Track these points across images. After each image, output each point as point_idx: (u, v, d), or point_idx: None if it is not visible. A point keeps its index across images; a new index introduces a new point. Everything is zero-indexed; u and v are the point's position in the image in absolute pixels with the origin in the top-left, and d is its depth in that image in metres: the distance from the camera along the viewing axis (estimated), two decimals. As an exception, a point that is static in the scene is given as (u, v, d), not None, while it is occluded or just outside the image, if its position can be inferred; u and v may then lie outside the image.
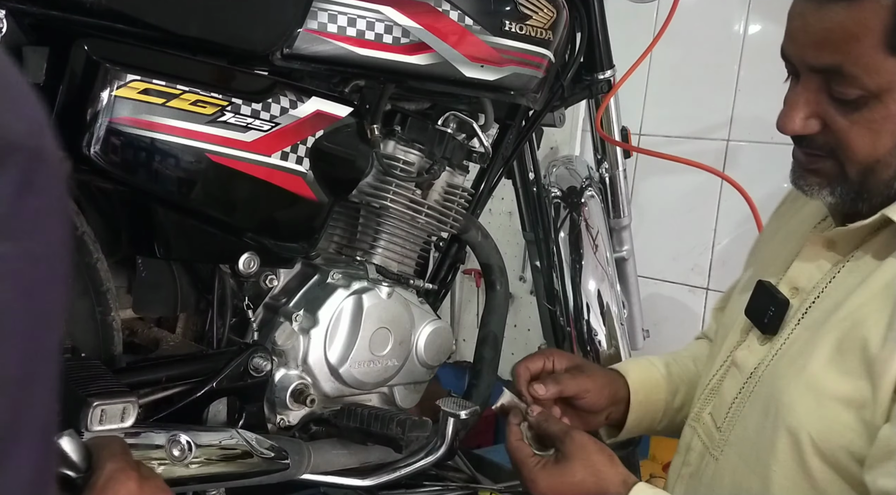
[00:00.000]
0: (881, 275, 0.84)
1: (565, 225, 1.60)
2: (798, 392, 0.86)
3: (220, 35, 1.02)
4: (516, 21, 1.23)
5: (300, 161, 1.09)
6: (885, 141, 0.82)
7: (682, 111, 2.25)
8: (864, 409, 0.80)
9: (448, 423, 1.16)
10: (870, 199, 0.86)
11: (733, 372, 0.98)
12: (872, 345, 0.81)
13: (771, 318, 0.93)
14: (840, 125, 0.84)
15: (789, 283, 0.95)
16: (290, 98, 1.07)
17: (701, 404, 1.03)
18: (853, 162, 0.85)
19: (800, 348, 0.89)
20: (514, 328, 2.53)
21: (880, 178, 0.85)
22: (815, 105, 0.85)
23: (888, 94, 0.80)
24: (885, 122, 0.82)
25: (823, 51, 0.82)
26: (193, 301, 1.16)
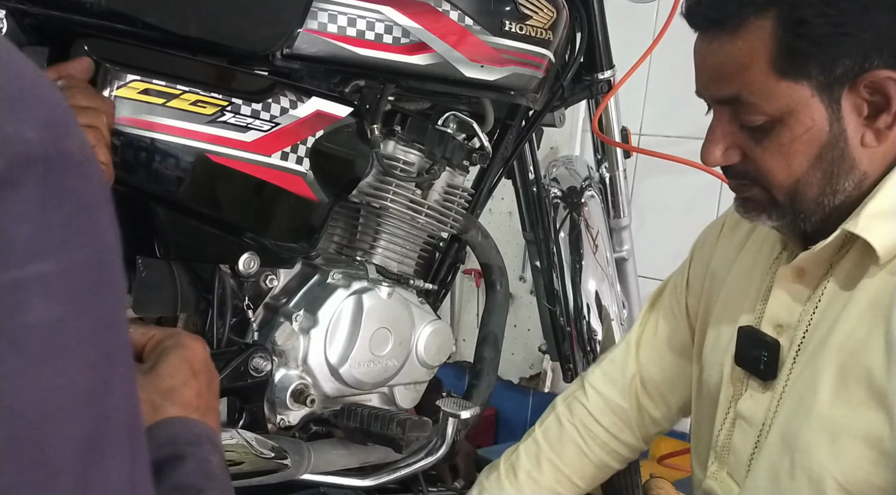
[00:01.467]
0: (862, 295, 0.82)
1: (565, 225, 1.60)
2: (812, 434, 0.83)
3: (219, 35, 1.02)
4: (516, 21, 1.23)
5: (300, 161, 1.09)
6: (799, 161, 0.83)
7: (682, 111, 2.24)
8: (883, 441, 0.77)
9: (448, 423, 1.16)
10: (809, 219, 0.86)
11: (741, 425, 0.94)
12: (877, 374, 0.78)
13: (766, 363, 0.90)
14: (755, 153, 0.85)
15: (771, 322, 0.92)
16: (290, 98, 1.07)
17: (716, 465, 0.98)
18: (775, 186, 0.85)
19: (803, 387, 0.86)
20: (514, 328, 2.53)
21: (807, 197, 0.84)
22: (730, 136, 0.87)
23: (790, 116, 0.81)
24: (793, 144, 0.82)
25: (721, 83, 0.85)
26: (193, 301, 1.16)
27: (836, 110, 0.81)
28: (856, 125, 0.82)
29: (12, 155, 0.33)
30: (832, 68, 0.80)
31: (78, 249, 0.36)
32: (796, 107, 0.81)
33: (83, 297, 0.36)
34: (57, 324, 0.34)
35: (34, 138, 0.34)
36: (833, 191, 0.84)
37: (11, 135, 0.33)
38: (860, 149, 0.82)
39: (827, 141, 0.82)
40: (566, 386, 1.63)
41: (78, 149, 0.37)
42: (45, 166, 0.34)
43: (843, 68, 0.79)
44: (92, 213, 0.37)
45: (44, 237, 0.34)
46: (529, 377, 2.62)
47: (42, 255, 0.34)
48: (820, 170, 0.83)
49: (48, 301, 0.34)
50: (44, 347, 0.34)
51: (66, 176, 0.35)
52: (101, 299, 0.37)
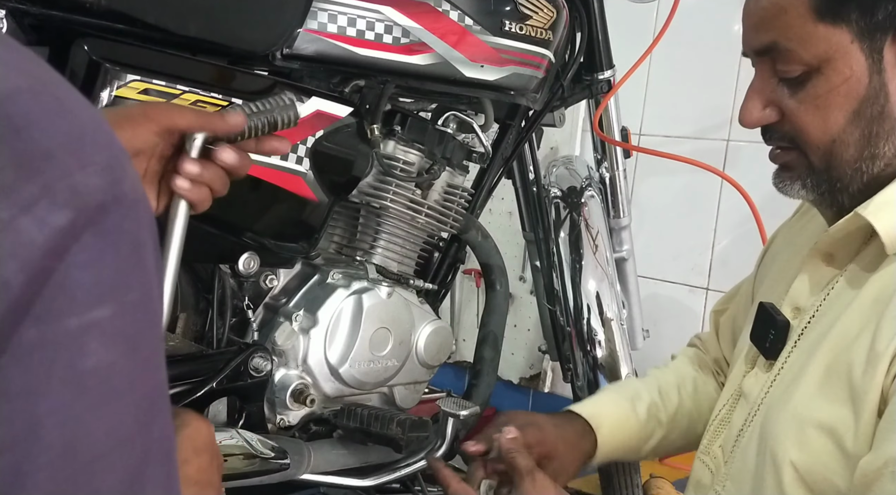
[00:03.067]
0: (870, 289, 0.79)
1: (565, 225, 1.60)
2: (786, 419, 0.82)
3: (219, 35, 1.02)
4: (516, 21, 1.23)
5: (300, 161, 1.09)
6: (836, 116, 0.79)
7: (682, 111, 2.25)
8: (846, 439, 0.76)
9: (448, 423, 1.16)
10: (846, 188, 0.81)
11: (742, 402, 0.93)
12: (856, 372, 0.76)
13: (772, 342, 0.88)
14: (791, 108, 0.81)
15: (791, 303, 0.89)
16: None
17: (710, 436, 0.98)
18: (812, 146, 0.81)
19: (793, 374, 0.85)
20: (514, 328, 2.53)
21: (842, 159, 0.80)
22: (768, 92, 0.83)
23: (827, 65, 0.78)
24: (829, 96, 0.78)
25: (760, 31, 0.82)
26: (193, 301, 1.16)
27: (877, 61, 0.77)
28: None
29: (79, 205, 0.33)
30: (873, 11, 0.76)
31: (130, 292, 0.36)
32: (834, 54, 0.77)
33: (132, 339, 0.36)
34: (111, 367, 0.35)
35: (97, 185, 0.34)
36: (872, 154, 0.79)
37: (78, 184, 0.33)
38: None
39: (866, 95, 0.78)
40: (566, 387, 1.64)
41: (132, 189, 0.37)
42: (106, 211, 0.35)
43: (886, 12, 0.76)
44: (142, 254, 0.37)
45: (102, 283, 0.34)
46: (529, 377, 2.62)
47: (101, 301, 0.34)
48: (858, 128, 0.78)
49: (104, 345, 0.34)
50: (100, 391, 0.35)
51: (122, 219, 0.35)
52: (146, 339, 0.38)
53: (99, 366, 0.34)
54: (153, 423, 0.38)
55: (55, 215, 0.32)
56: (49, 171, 0.33)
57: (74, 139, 0.35)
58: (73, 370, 0.33)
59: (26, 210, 0.32)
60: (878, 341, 0.75)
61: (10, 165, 0.32)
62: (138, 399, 0.37)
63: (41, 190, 0.32)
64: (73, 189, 0.33)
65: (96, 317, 0.34)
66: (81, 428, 0.34)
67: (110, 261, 0.35)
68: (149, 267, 0.37)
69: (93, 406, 0.34)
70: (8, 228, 0.31)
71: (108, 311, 0.34)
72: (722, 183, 2.09)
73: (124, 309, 0.35)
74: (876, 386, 0.74)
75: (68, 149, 0.34)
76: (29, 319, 0.32)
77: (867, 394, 0.74)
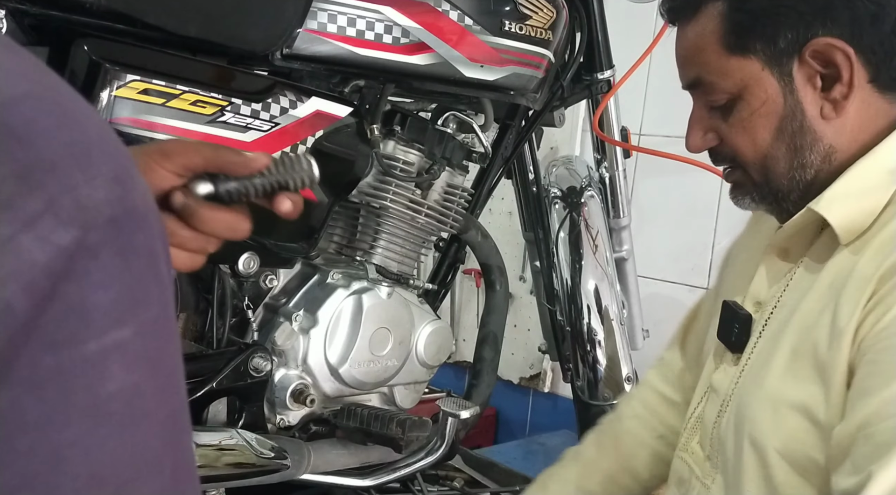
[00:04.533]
0: (825, 276, 0.85)
1: (565, 225, 1.60)
2: (759, 404, 0.86)
3: (219, 35, 1.02)
4: (516, 21, 1.23)
5: (300, 161, 1.08)
6: (762, 135, 0.86)
7: (682, 111, 2.24)
8: (819, 414, 0.80)
9: (448, 423, 1.16)
10: (787, 197, 0.89)
11: (712, 397, 0.97)
12: (821, 349, 0.81)
13: (737, 336, 0.94)
14: (725, 131, 0.89)
15: (752, 298, 0.95)
16: (289, 98, 1.07)
17: (688, 434, 1.02)
18: (748, 164, 0.89)
19: (761, 361, 0.89)
20: (514, 328, 2.53)
21: (777, 172, 0.87)
22: (705, 120, 0.91)
23: (746, 91, 0.85)
24: (753, 118, 0.86)
25: (686, 68, 0.91)
26: (193, 301, 1.16)
27: (788, 82, 0.85)
28: (813, 97, 0.85)
29: (88, 220, 0.32)
30: (775, 40, 0.84)
31: (149, 309, 0.35)
32: (749, 82, 0.85)
33: (154, 358, 0.35)
34: (134, 389, 0.34)
35: (105, 198, 0.32)
36: (801, 164, 0.87)
37: (85, 198, 0.31)
38: (821, 122, 0.85)
39: (784, 113, 0.85)
40: (566, 387, 1.63)
41: (142, 200, 0.35)
42: (117, 226, 0.33)
43: (786, 40, 0.83)
44: (156, 268, 0.35)
45: (120, 302, 0.33)
46: (529, 377, 2.62)
47: (119, 322, 0.33)
48: (783, 143, 0.86)
49: (126, 368, 0.33)
50: (124, 415, 0.33)
51: (134, 233, 0.34)
52: (168, 355, 0.36)
53: (122, 390, 0.33)
54: (179, 441, 0.37)
55: (59, 233, 0.30)
56: (52, 184, 0.31)
57: (79, 149, 0.33)
58: (94, 396, 0.32)
59: (28, 227, 0.30)
60: (838, 319, 0.80)
61: (10, 177, 0.30)
62: (163, 419, 0.36)
63: (44, 204, 0.30)
64: (78, 203, 0.31)
65: (116, 339, 0.32)
66: (107, 456, 0.33)
67: (126, 279, 0.33)
68: (164, 280, 0.36)
69: (117, 431, 0.33)
70: (8, 246, 0.29)
71: (128, 332, 0.33)
72: (722, 183, 2.08)
73: (144, 327, 0.34)
74: (842, 360, 0.78)
75: (73, 159, 0.32)
76: (42, 345, 0.30)
77: (834, 369, 0.79)
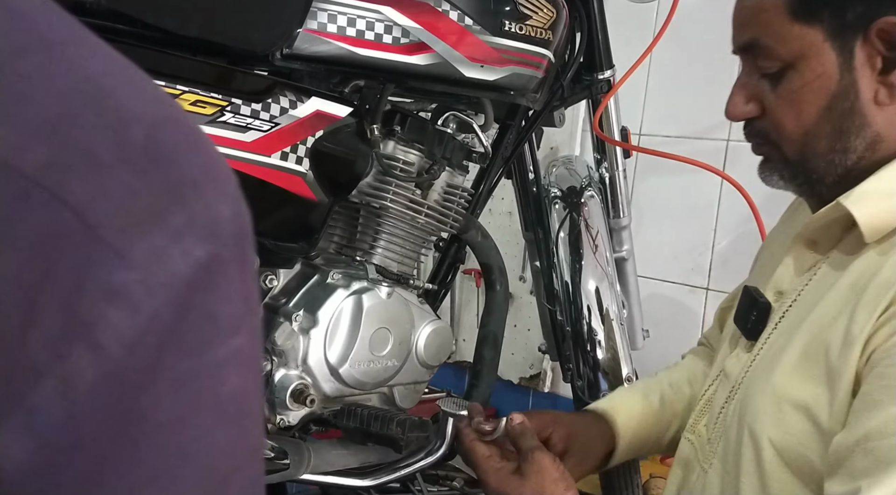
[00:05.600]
0: (849, 275, 0.82)
1: (565, 225, 1.60)
2: (764, 397, 0.85)
3: (219, 35, 1.02)
4: (516, 21, 1.23)
5: (300, 161, 1.09)
6: (808, 111, 0.83)
7: (682, 111, 2.25)
8: (821, 417, 0.79)
9: (448, 423, 1.16)
10: (822, 180, 0.86)
11: (723, 381, 0.96)
12: (833, 352, 0.79)
13: (753, 323, 0.92)
14: (770, 102, 0.86)
15: (774, 287, 0.93)
16: (289, 98, 1.07)
17: (696, 416, 1.01)
18: (786, 140, 0.86)
19: (773, 353, 0.87)
20: (514, 328, 2.53)
21: (815, 152, 0.85)
22: (751, 87, 0.88)
23: (802, 62, 0.82)
24: (803, 92, 0.83)
25: (743, 29, 0.87)
26: (193, 301, 1.16)
27: (847, 59, 0.81)
28: (869, 80, 0.81)
29: (219, 236, 0.34)
30: (843, 12, 0.80)
31: (255, 317, 0.37)
32: (808, 51, 0.82)
33: (255, 362, 0.38)
34: (244, 391, 0.36)
35: (231, 215, 0.35)
36: (843, 148, 0.83)
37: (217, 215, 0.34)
38: (873, 107, 0.82)
39: (837, 91, 0.82)
40: (566, 387, 1.63)
41: (247, 214, 0.37)
42: (239, 241, 0.35)
43: (855, 14, 0.80)
44: (255, 278, 0.38)
45: (238, 312, 0.35)
46: (529, 377, 2.62)
47: (237, 329, 0.35)
48: (829, 123, 0.83)
49: (239, 371, 0.36)
50: (236, 414, 0.36)
51: (248, 247, 0.36)
52: (260, 359, 0.39)
53: (236, 391, 0.35)
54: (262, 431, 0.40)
55: (199, 247, 0.33)
56: (194, 201, 0.33)
57: (211, 169, 0.35)
58: (216, 397, 0.34)
59: (176, 240, 0.32)
60: (853, 325, 0.78)
61: (161, 193, 0.32)
62: (258, 414, 0.39)
63: (187, 219, 0.33)
64: (213, 220, 0.34)
65: (234, 346, 0.35)
66: (222, 450, 0.35)
67: (242, 290, 0.35)
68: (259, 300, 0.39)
69: (231, 428, 0.36)
70: (160, 257, 0.31)
71: (243, 339, 0.35)
72: (722, 183, 2.09)
73: (252, 334, 0.36)
74: (850, 367, 0.77)
75: (208, 179, 0.35)
76: (181, 351, 0.32)
77: (842, 375, 0.77)
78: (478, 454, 0.97)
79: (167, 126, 0.34)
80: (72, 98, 0.31)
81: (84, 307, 0.30)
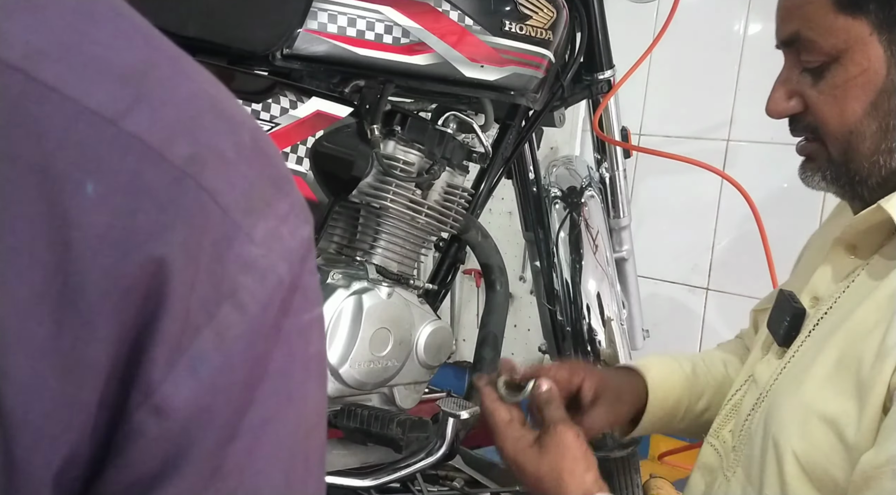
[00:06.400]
0: (888, 284, 0.79)
1: (565, 225, 1.60)
2: (792, 407, 0.82)
3: (219, 35, 1.02)
4: (516, 21, 1.23)
5: (300, 161, 1.09)
6: (853, 107, 0.80)
7: (682, 111, 2.25)
8: (849, 432, 0.76)
9: (448, 423, 1.16)
10: (865, 182, 0.82)
11: (752, 387, 0.93)
12: (865, 365, 0.76)
13: (787, 329, 0.88)
14: (812, 98, 0.83)
15: (810, 293, 0.89)
16: (290, 98, 1.07)
17: (721, 421, 0.97)
18: (831, 137, 0.82)
19: (805, 362, 0.84)
20: (514, 328, 2.53)
21: (860, 152, 0.81)
22: (793, 82, 0.84)
23: (845, 55, 0.79)
24: (847, 87, 0.80)
25: (785, 21, 0.83)
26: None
27: (895, 54, 0.78)
28: None
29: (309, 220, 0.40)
30: (891, 4, 0.77)
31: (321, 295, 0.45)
32: (853, 45, 0.79)
33: (323, 332, 0.44)
34: (320, 354, 0.42)
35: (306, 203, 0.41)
36: (889, 148, 0.80)
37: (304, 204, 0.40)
38: None
39: (883, 87, 0.79)
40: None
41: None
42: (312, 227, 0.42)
43: None
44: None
45: (318, 284, 0.42)
46: (529, 377, 2.62)
47: (318, 300, 0.42)
48: (875, 120, 0.79)
49: (319, 336, 0.42)
50: (316, 373, 0.42)
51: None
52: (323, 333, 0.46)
53: (317, 353, 0.41)
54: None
55: (301, 228, 0.39)
56: (290, 191, 0.40)
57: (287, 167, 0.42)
58: (305, 355, 0.40)
59: (284, 221, 0.38)
60: (889, 336, 0.75)
61: (269, 184, 0.38)
62: (326, 379, 0.45)
63: (290, 206, 0.39)
64: (303, 207, 0.40)
65: (316, 314, 0.41)
66: (309, 405, 0.41)
67: (316, 268, 0.42)
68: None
69: (314, 386, 0.42)
70: (275, 235, 0.38)
71: (320, 309, 0.42)
72: (722, 183, 2.09)
73: (321, 308, 0.43)
74: (882, 381, 0.74)
75: (289, 174, 0.41)
76: (290, 312, 0.38)
77: (873, 389, 0.74)
78: (498, 417, 0.91)
79: (260, 131, 0.41)
80: (197, 104, 0.37)
81: (227, 274, 0.36)
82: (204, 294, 0.35)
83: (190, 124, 0.36)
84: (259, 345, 0.37)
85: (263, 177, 0.39)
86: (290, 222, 0.39)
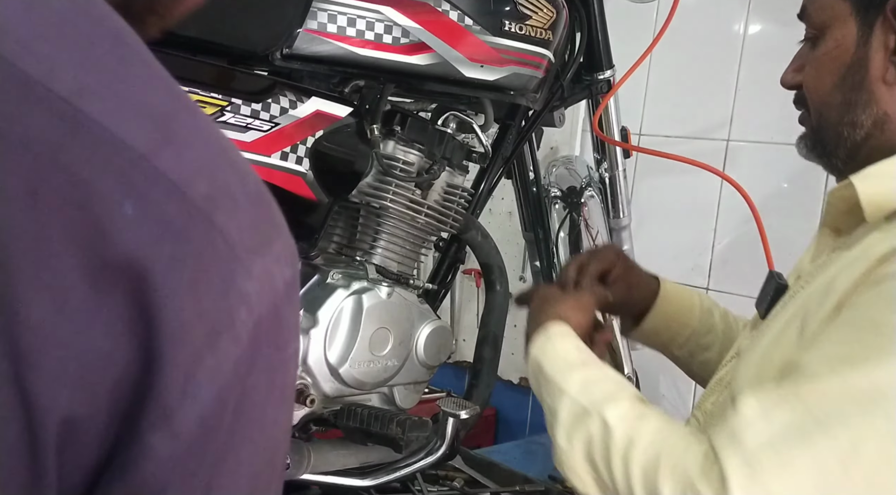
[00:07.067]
0: (851, 253, 0.83)
1: (565, 225, 1.60)
2: (747, 367, 0.86)
3: (219, 35, 1.02)
4: (516, 21, 1.23)
5: (300, 161, 1.09)
6: (826, 79, 0.86)
7: (682, 111, 2.25)
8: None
9: (448, 423, 1.16)
10: (833, 152, 0.87)
11: (735, 360, 0.97)
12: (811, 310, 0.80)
13: (769, 304, 0.93)
14: (805, 69, 0.89)
15: (796, 272, 0.95)
16: (289, 98, 1.07)
17: (706, 393, 1.01)
18: (810, 107, 0.89)
19: (769, 328, 0.88)
20: (514, 328, 2.52)
21: (829, 120, 0.87)
22: (801, 56, 0.91)
23: (828, 31, 0.86)
24: (824, 59, 0.86)
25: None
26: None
27: (866, 34, 0.84)
28: (882, 58, 0.83)
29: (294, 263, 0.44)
30: None
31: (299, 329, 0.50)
32: (833, 21, 0.85)
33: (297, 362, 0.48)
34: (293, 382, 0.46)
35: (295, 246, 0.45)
36: (851, 121, 0.85)
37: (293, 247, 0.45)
38: (881, 85, 0.83)
39: (850, 63, 0.84)
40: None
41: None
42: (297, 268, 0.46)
43: None
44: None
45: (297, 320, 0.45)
46: (529, 377, 2.62)
47: (297, 335, 0.45)
48: (841, 93, 0.85)
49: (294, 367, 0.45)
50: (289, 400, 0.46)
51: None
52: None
53: (291, 382, 0.45)
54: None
55: (288, 269, 0.43)
56: (283, 233, 0.44)
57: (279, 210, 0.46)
58: (284, 385, 0.43)
59: (277, 262, 0.42)
60: (834, 283, 0.79)
61: (268, 226, 0.43)
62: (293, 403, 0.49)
63: (282, 247, 0.43)
64: (293, 250, 0.44)
65: (295, 347, 0.44)
66: (280, 427, 0.45)
67: (297, 305, 0.45)
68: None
69: (285, 411, 0.45)
70: (269, 272, 0.41)
71: (297, 343, 0.45)
72: (722, 183, 2.09)
73: (298, 340, 0.46)
74: (823, 316, 0.78)
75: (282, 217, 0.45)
76: (270, 346, 0.41)
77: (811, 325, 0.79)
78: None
79: (259, 178, 0.45)
80: (212, 150, 0.41)
81: (229, 307, 0.39)
82: (209, 325, 0.38)
83: (208, 167, 0.40)
84: (246, 375, 0.40)
85: (264, 218, 0.43)
86: (281, 262, 0.42)
